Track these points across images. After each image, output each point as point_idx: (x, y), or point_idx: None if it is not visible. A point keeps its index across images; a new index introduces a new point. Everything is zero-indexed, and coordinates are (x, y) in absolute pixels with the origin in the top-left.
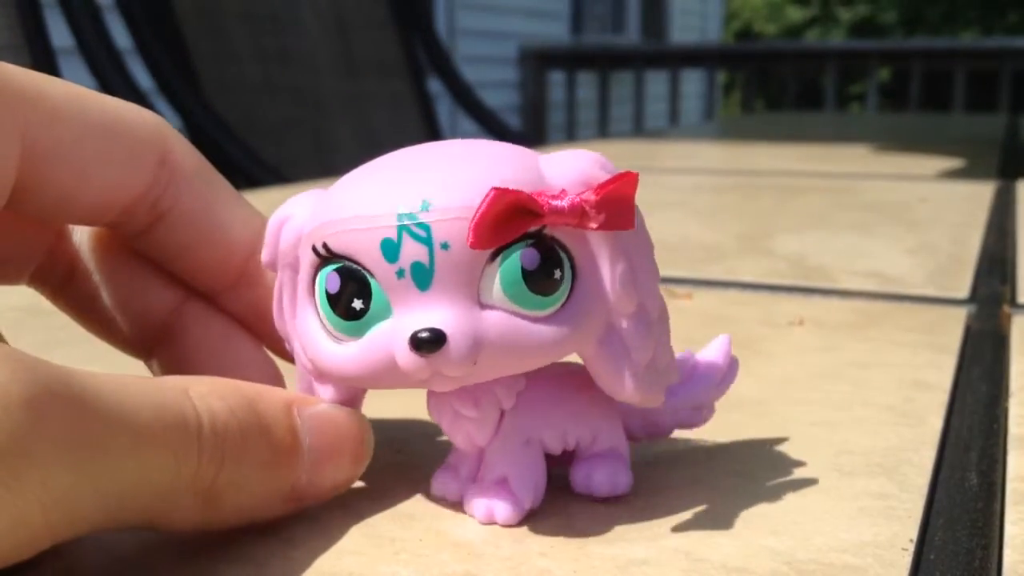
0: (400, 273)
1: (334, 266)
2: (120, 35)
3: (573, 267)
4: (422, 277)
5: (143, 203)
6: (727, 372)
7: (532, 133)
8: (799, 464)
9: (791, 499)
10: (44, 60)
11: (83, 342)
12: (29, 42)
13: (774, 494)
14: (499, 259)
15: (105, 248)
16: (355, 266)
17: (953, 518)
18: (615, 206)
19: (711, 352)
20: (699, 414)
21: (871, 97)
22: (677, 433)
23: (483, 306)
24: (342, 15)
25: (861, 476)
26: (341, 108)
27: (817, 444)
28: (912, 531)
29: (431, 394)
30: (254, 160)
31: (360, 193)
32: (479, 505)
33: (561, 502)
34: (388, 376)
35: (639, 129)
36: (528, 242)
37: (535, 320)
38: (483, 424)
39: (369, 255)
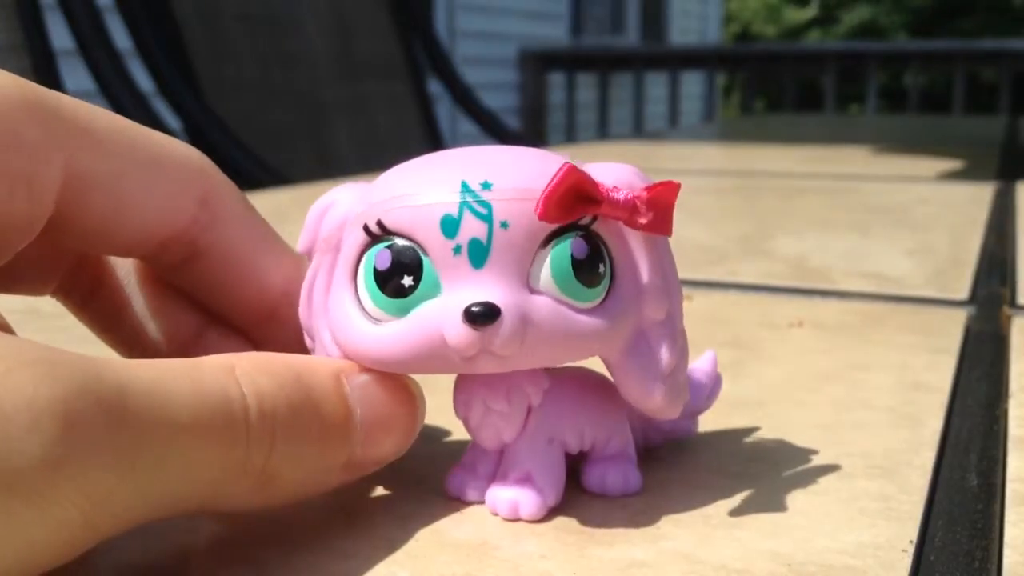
0: (457, 250)
1: (385, 243)
2: (120, 36)
3: (612, 267)
4: (478, 254)
5: (180, 241)
6: (714, 386)
7: (532, 135)
8: (799, 466)
9: (791, 501)
10: (44, 61)
11: (83, 344)
12: (29, 43)
13: (774, 496)
14: (551, 245)
15: (132, 266)
16: (408, 243)
17: (953, 519)
18: (660, 210)
19: (700, 365)
20: (692, 425)
21: (870, 99)
22: None
23: (531, 290)
24: (342, 17)
25: (861, 477)
26: (341, 109)
27: (817, 446)
28: (912, 532)
29: (460, 390)
30: (254, 162)
31: (418, 175)
32: (503, 500)
33: (562, 503)
34: (431, 356)
35: (639, 131)
36: (578, 233)
37: (578, 311)
38: (512, 420)
39: (426, 231)
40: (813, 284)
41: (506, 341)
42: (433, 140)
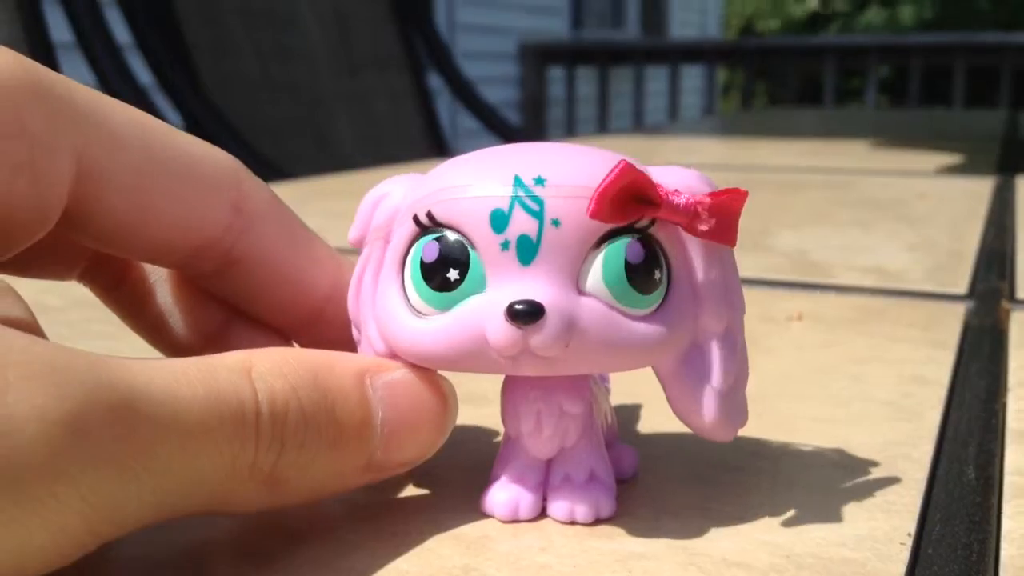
0: (505, 245)
1: (434, 235)
2: (120, 30)
3: (670, 273)
4: (526, 251)
5: (215, 249)
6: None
7: (532, 129)
8: (797, 459)
9: (789, 494)
10: (43, 55)
11: (90, 339)
12: (28, 37)
13: (772, 488)
14: (604, 247)
15: None
16: (457, 235)
17: (951, 512)
18: (723, 217)
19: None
20: None
21: (870, 93)
22: (675, 428)
23: (581, 293)
24: (341, 11)
25: (859, 470)
26: (341, 104)
27: (816, 439)
28: (910, 525)
29: (524, 399)
30: (254, 156)
31: (471, 167)
32: (582, 507)
33: None
34: (473, 354)
35: (639, 125)
36: (635, 236)
37: (630, 317)
38: (582, 421)
39: (475, 225)
40: (812, 278)
41: (548, 343)
42: (433, 134)
